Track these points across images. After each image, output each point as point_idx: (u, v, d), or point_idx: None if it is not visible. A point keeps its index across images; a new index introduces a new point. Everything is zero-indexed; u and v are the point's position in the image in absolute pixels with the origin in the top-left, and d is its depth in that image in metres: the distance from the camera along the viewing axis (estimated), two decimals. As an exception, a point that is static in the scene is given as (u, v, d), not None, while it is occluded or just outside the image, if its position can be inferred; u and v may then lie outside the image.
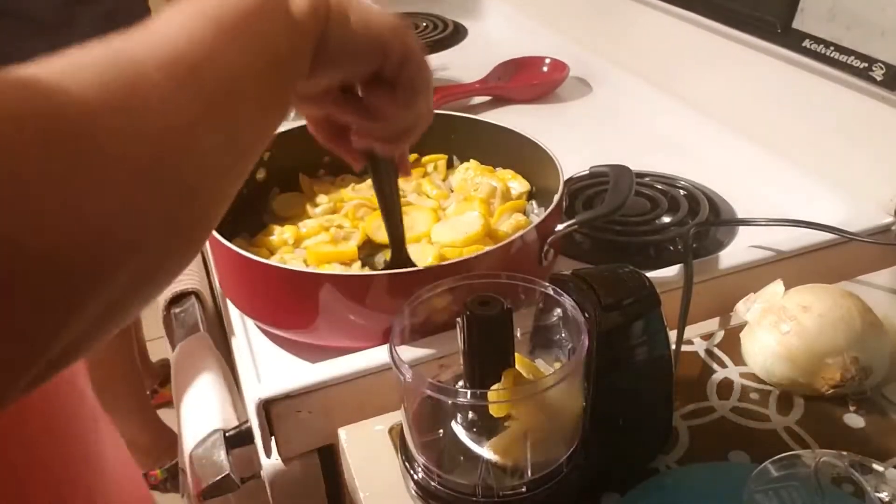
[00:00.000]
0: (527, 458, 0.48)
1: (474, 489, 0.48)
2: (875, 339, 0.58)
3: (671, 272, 0.69)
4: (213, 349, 0.83)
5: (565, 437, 0.49)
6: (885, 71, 0.73)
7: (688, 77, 1.05)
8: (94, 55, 0.32)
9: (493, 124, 0.82)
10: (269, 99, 0.39)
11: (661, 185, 0.86)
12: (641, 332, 0.49)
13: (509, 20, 1.46)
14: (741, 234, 0.79)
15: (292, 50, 0.41)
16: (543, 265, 0.67)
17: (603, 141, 0.98)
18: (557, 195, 0.68)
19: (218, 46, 0.36)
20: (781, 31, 0.84)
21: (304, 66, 0.43)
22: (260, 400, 0.59)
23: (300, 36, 0.42)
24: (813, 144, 0.86)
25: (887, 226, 0.75)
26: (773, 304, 0.61)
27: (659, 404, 0.53)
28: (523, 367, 0.50)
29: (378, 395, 0.60)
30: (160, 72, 0.32)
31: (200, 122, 0.33)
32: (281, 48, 0.40)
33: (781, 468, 0.49)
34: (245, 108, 0.37)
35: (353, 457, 0.57)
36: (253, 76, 0.37)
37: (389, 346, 0.48)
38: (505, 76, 1.17)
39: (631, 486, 0.52)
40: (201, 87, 0.34)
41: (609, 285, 0.49)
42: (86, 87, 0.30)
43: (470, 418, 0.49)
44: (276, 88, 0.40)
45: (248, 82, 0.37)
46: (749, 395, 0.60)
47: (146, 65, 0.32)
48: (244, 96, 0.37)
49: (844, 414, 0.57)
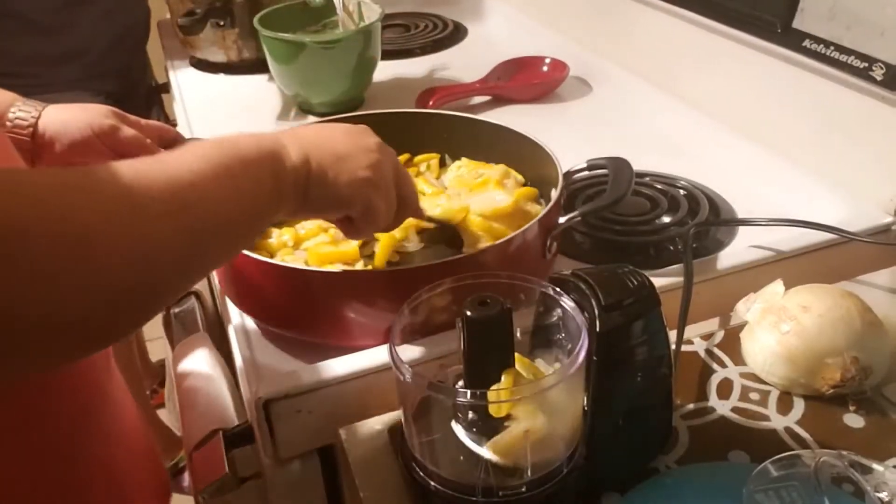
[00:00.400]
0: (527, 458, 0.48)
1: (474, 489, 0.48)
2: (875, 339, 0.58)
3: (671, 272, 0.69)
4: (212, 349, 0.83)
5: (565, 438, 0.49)
6: (885, 71, 0.73)
7: (688, 77, 1.05)
8: (112, 174, 0.39)
9: (491, 123, 0.82)
10: (244, 234, 0.48)
11: (660, 185, 0.86)
12: (641, 332, 0.49)
13: (509, 20, 1.46)
14: (741, 233, 0.79)
15: (277, 196, 0.49)
16: (547, 258, 0.68)
17: (603, 140, 0.98)
18: (558, 188, 0.69)
19: (215, 187, 0.43)
20: (781, 31, 0.84)
21: (282, 210, 0.50)
22: (260, 399, 0.59)
23: (287, 186, 0.50)
24: (813, 144, 0.86)
25: (887, 225, 0.75)
26: (773, 304, 0.61)
27: (659, 404, 0.53)
28: (523, 367, 0.50)
29: (378, 395, 0.60)
30: (158, 203, 0.39)
31: (180, 251, 0.41)
32: (266, 195, 0.48)
33: (781, 468, 0.49)
34: (219, 241, 0.45)
35: (353, 457, 0.57)
36: (236, 218, 0.45)
37: (389, 345, 0.48)
38: (505, 76, 1.17)
39: (631, 487, 0.52)
40: (190, 223, 0.41)
41: (609, 285, 0.49)
42: (91, 202, 0.37)
43: (470, 418, 0.49)
44: (252, 228, 0.49)
45: (231, 224, 0.45)
46: (749, 395, 0.60)
47: (149, 193, 0.39)
48: (224, 233, 0.45)
49: (844, 414, 0.57)
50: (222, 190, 0.44)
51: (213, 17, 1.22)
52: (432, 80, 1.22)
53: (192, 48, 1.31)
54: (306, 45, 1.05)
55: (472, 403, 0.48)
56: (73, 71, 1.31)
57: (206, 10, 1.22)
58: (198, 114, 1.15)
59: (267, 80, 1.23)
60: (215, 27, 1.24)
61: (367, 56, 1.10)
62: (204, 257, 0.44)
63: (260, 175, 0.47)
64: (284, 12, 1.16)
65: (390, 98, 1.15)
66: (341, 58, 1.07)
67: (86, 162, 0.70)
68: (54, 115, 0.68)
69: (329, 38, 1.09)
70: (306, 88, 1.10)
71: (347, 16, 1.15)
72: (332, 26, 1.18)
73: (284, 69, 1.09)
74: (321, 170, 0.52)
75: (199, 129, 1.09)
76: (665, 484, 0.52)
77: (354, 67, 1.09)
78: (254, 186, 0.47)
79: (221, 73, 1.30)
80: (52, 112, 0.69)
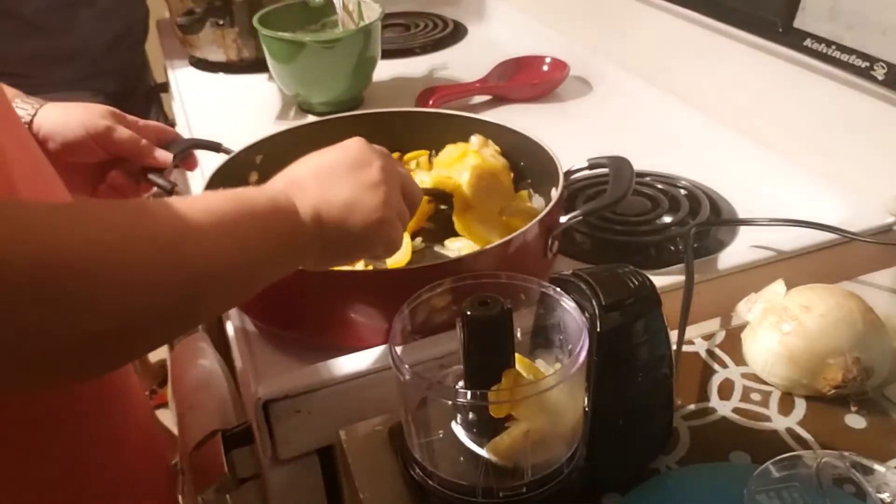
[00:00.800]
0: (527, 458, 0.48)
1: (474, 490, 0.48)
2: (877, 340, 0.58)
3: (672, 272, 0.69)
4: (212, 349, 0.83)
5: (566, 438, 0.49)
6: (886, 70, 0.73)
7: (689, 76, 1.05)
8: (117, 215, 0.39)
9: (491, 122, 0.82)
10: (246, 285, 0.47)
11: (661, 185, 0.86)
12: (642, 332, 0.49)
13: (509, 20, 1.46)
14: (742, 233, 0.78)
15: (289, 252, 0.50)
16: (547, 258, 0.68)
17: (603, 140, 0.98)
18: (558, 188, 0.69)
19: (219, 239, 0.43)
20: (783, 31, 0.83)
21: (299, 265, 0.51)
22: (259, 400, 0.59)
23: (300, 244, 0.50)
24: (814, 144, 0.85)
25: (889, 225, 0.75)
26: (774, 304, 0.61)
27: (660, 405, 0.53)
28: (523, 367, 0.49)
29: (378, 395, 0.60)
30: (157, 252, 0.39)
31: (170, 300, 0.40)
32: (276, 250, 0.48)
33: (783, 469, 0.48)
34: (217, 292, 0.44)
35: (353, 457, 0.57)
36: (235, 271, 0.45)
37: (389, 345, 0.48)
38: (505, 76, 1.17)
39: (632, 487, 0.52)
40: (185, 276, 0.41)
41: (609, 285, 0.49)
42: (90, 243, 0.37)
43: (470, 419, 0.49)
44: (257, 280, 0.48)
45: (230, 275, 0.44)
46: (750, 395, 0.59)
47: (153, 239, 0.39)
48: (222, 284, 0.44)
49: (846, 414, 0.57)
50: (225, 243, 0.44)
51: (212, 17, 1.22)
52: (432, 80, 1.21)
53: (192, 47, 1.31)
54: (306, 44, 1.05)
55: (473, 404, 0.48)
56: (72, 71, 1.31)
57: (206, 9, 1.21)
58: (197, 113, 1.15)
59: (266, 79, 1.23)
60: (215, 26, 1.23)
61: (367, 55, 1.10)
62: (197, 306, 0.43)
63: (268, 229, 0.47)
64: (284, 11, 1.15)
65: (390, 97, 1.15)
66: (341, 57, 1.07)
67: (78, 161, 0.70)
68: (50, 113, 0.68)
69: (329, 38, 1.09)
70: (306, 88, 1.10)
71: (347, 15, 1.15)
72: (331, 25, 1.18)
73: (284, 68, 1.09)
74: (334, 225, 0.51)
75: (198, 128, 1.09)
76: (666, 485, 0.52)
77: (354, 67, 1.08)
78: (261, 241, 0.47)
79: (221, 73, 1.30)
80: (49, 110, 0.68)
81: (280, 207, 0.49)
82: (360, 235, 0.52)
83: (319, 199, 0.51)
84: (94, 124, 0.69)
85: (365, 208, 0.52)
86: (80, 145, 0.69)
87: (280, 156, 0.80)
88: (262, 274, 0.48)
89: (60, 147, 0.68)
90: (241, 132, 0.84)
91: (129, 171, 0.73)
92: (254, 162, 0.79)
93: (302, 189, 0.50)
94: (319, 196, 0.51)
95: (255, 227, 0.46)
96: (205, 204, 0.44)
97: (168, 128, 0.77)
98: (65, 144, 0.68)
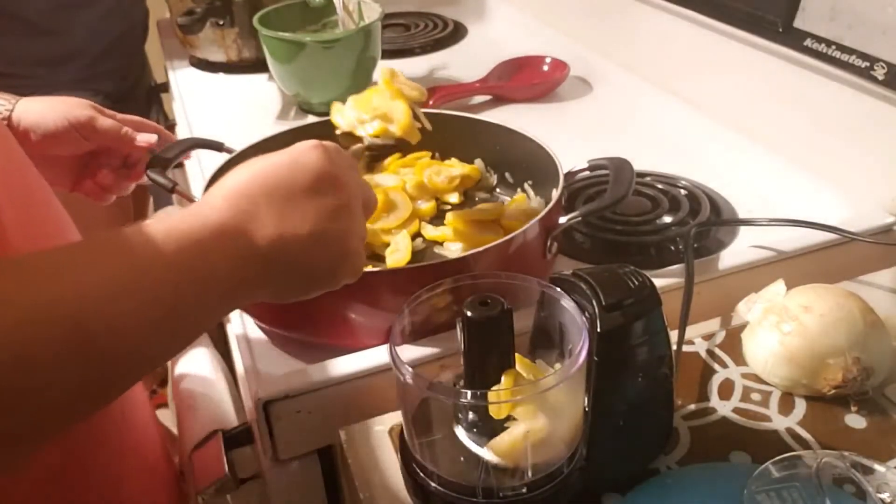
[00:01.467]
0: (527, 458, 0.48)
1: (474, 490, 0.48)
2: (877, 340, 0.58)
3: (672, 272, 0.69)
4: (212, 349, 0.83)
5: (566, 438, 0.49)
6: (886, 70, 0.73)
7: (689, 76, 1.05)
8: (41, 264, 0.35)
9: (491, 122, 0.82)
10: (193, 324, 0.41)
11: (661, 185, 0.86)
12: (642, 332, 0.49)
13: (510, 20, 1.46)
14: (742, 233, 0.78)
15: (231, 293, 0.42)
16: (547, 258, 0.68)
17: (603, 140, 0.98)
18: (558, 188, 0.69)
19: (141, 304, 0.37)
20: (783, 31, 0.83)
21: (249, 300, 0.45)
22: (259, 400, 0.59)
23: (252, 279, 0.43)
24: (814, 144, 0.85)
25: (889, 226, 0.75)
26: (774, 304, 0.61)
27: (660, 405, 0.53)
28: (523, 368, 0.49)
29: (378, 395, 0.60)
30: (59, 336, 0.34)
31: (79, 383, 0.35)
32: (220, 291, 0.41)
33: (782, 469, 0.48)
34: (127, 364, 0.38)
35: (353, 457, 0.57)
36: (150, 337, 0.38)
37: (389, 345, 0.48)
38: (505, 76, 1.17)
39: (632, 487, 0.52)
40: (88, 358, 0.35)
41: (610, 285, 0.49)
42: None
43: (470, 419, 0.49)
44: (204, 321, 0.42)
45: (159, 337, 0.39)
46: (750, 395, 0.59)
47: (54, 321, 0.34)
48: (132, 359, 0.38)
49: (846, 414, 0.57)
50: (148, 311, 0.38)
51: (212, 17, 1.22)
52: (432, 80, 1.21)
53: (192, 48, 1.31)
54: (306, 44, 1.05)
55: (473, 404, 0.48)
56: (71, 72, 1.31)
57: (206, 9, 1.21)
58: (197, 113, 1.15)
59: (267, 79, 1.23)
60: (215, 26, 1.24)
61: (367, 55, 1.10)
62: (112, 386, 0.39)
63: (213, 271, 0.41)
64: (284, 11, 1.16)
65: (390, 98, 1.15)
66: (341, 57, 1.07)
67: (61, 153, 0.70)
68: (30, 106, 0.68)
69: (329, 38, 1.09)
70: (306, 88, 1.10)
71: (347, 15, 1.15)
72: (332, 26, 1.18)
73: (284, 68, 1.09)
74: (294, 262, 0.45)
75: (198, 128, 1.09)
76: (666, 484, 0.52)
77: (354, 67, 1.08)
78: (203, 285, 0.40)
79: (221, 73, 1.30)
80: (28, 104, 0.68)
81: (227, 241, 0.41)
82: (325, 270, 0.47)
83: (277, 232, 0.43)
84: (76, 114, 0.69)
85: (330, 241, 0.46)
86: (64, 136, 0.68)
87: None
88: (201, 321, 0.42)
89: (42, 139, 0.68)
90: (241, 132, 0.84)
91: (112, 166, 0.73)
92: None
93: (254, 219, 0.43)
94: (277, 227, 0.43)
95: (195, 272, 0.40)
96: (128, 259, 0.38)
97: (147, 121, 0.77)
98: (47, 136, 0.68)
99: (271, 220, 0.43)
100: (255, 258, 0.42)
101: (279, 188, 0.44)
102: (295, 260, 0.44)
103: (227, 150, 0.79)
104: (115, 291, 0.36)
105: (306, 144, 0.47)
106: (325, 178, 0.46)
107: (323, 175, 0.46)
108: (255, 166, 0.45)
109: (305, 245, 0.44)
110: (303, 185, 0.45)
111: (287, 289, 0.46)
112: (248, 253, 0.42)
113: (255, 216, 0.43)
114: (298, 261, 0.45)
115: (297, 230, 0.44)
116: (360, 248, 0.49)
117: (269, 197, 0.43)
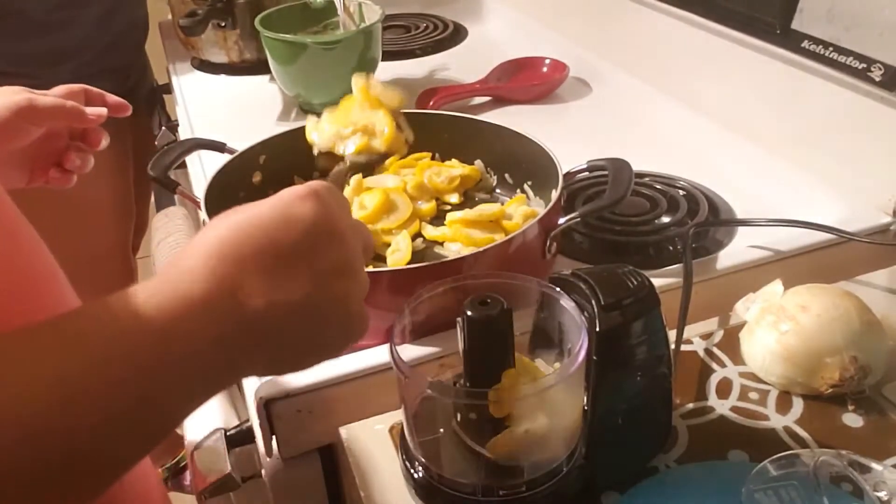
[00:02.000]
0: (527, 457, 0.48)
1: (474, 489, 0.48)
2: (874, 339, 0.58)
3: (671, 272, 0.69)
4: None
5: (565, 437, 0.49)
6: (883, 71, 0.73)
7: (687, 77, 1.05)
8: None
9: (491, 123, 0.82)
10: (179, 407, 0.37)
11: (660, 185, 0.86)
12: (641, 331, 0.50)
13: (509, 21, 1.47)
14: (740, 234, 0.79)
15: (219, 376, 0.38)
16: (547, 258, 0.68)
17: (603, 141, 0.98)
18: (558, 188, 0.69)
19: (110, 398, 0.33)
20: (780, 32, 0.84)
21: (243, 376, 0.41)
22: (260, 399, 0.59)
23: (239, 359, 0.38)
24: (812, 144, 0.86)
25: (886, 226, 0.76)
26: (772, 303, 0.61)
27: (658, 404, 0.54)
28: (523, 367, 0.50)
29: (378, 394, 0.60)
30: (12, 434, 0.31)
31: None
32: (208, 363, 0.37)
33: (780, 467, 0.49)
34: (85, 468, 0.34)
35: (353, 456, 0.57)
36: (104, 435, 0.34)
37: (390, 345, 0.48)
38: (505, 76, 1.17)
39: (630, 486, 0.52)
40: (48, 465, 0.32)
41: (609, 285, 0.49)
42: None
43: (470, 418, 0.49)
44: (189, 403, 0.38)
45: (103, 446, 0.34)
46: (748, 394, 0.60)
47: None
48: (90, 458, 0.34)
49: (843, 413, 0.57)
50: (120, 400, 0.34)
51: (214, 18, 1.22)
52: (433, 81, 1.22)
53: (194, 49, 1.31)
54: (307, 45, 1.05)
55: (473, 403, 0.48)
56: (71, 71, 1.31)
57: (208, 11, 1.22)
58: (199, 115, 1.16)
59: (268, 80, 1.23)
60: (216, 28, 1.24)
61: (368, 57, 1.10)
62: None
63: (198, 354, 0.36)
64: (285, 13, 1.16)
65: (390, 99, 1.15)
66: (342, 58, 1.07)
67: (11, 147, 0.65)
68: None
69: (330, 39, 1.10)
70: (307, 89, 1.10)
71: (348, 17, 1.15)
72: (332, 27, 1.18)
73: (285, 70, 1.09)
74: (288, 335, 0.39)
75: (200, 129, 1.09)
76: (664, 483, 0.52)
77: (355, 68, 1.08)
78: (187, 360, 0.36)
79: (223, 74, 1.30)
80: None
81: (209, 317, 0.36)
82: (324, 340, 0.41)
83: (267, 301, 0.37)
84: (14, 101, 0.64)
85: (328, 307, 0.40)
86: (10, 126, 0.64)
87: (283, 156, 0.81)
88: (183, 409, 0.38)
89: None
90: (242, 133, 0.85)
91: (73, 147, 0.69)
92: (257, 162, 0.80)
93: (241, 288, 0.36)
94: (267, 295, 0.37)
95: (170, 356, 0.35)
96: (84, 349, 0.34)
97: (89, 87, 0.72)
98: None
99: (260, 288, 0.37)
100: (243, 334, 0.37)
101: (268, 249, 0.38)
102: (289, 332, 0.38)
103: (229, 150, 0.79)
104: (69, 392, 0.32)
105: (297, 193, 0.40)
106: (321, 233, 0.39)
107: (318, 230, 0.39)
108: (238, 222, 0.38)
109: (300, 314, 0.38)
110: (296, 243, 0.38)
111: (280, 364, 0.41)
112: (235, 329, 0.36)
113: (241, 284, 0.36)
114: (293, 333, 0.39)
115: (290, 297, 0.38)
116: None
117: (257, 260, 0.37)
